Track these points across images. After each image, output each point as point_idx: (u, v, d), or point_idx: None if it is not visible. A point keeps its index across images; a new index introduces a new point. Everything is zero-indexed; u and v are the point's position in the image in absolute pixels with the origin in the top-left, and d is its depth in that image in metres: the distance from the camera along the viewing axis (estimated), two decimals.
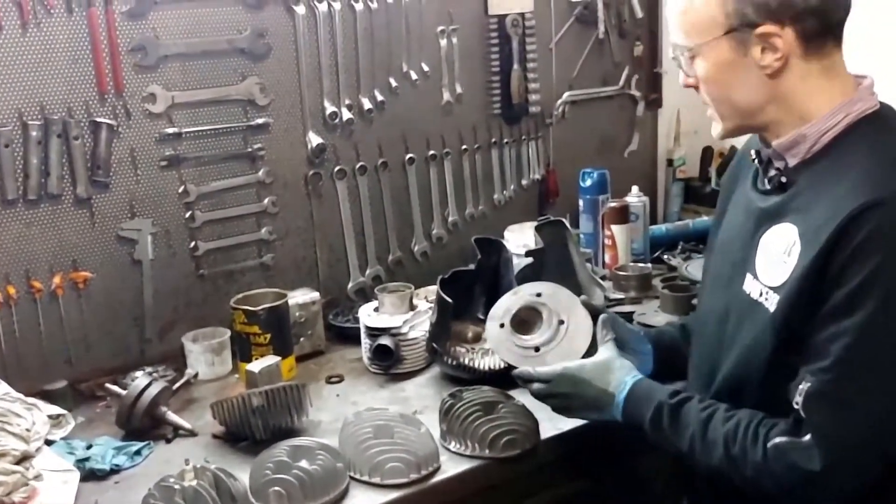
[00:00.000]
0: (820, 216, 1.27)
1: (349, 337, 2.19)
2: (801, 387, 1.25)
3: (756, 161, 1.46)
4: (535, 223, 2.16)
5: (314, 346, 2.18)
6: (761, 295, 1.35)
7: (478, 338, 2.03)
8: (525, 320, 1.70)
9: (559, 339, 1.64)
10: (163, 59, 2.04)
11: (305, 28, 2.20)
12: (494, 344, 1.71)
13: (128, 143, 2.03)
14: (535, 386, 1.59)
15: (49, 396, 1.90)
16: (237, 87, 2.15)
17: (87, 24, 1.93)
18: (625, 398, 1.49)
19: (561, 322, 1.65)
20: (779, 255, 1.32)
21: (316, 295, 2.19)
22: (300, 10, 2.18)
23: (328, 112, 2.27)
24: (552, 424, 1.73)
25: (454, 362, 1.94)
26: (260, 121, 2.19)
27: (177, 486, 1.45)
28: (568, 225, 2.13)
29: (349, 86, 2.30)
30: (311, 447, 1.56)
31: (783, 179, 1.38)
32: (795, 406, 1.26)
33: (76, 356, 2.03)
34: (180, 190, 2.11)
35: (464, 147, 2.52)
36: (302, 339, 2.16)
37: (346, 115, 2.29)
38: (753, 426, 1.32)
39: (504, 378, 1.90)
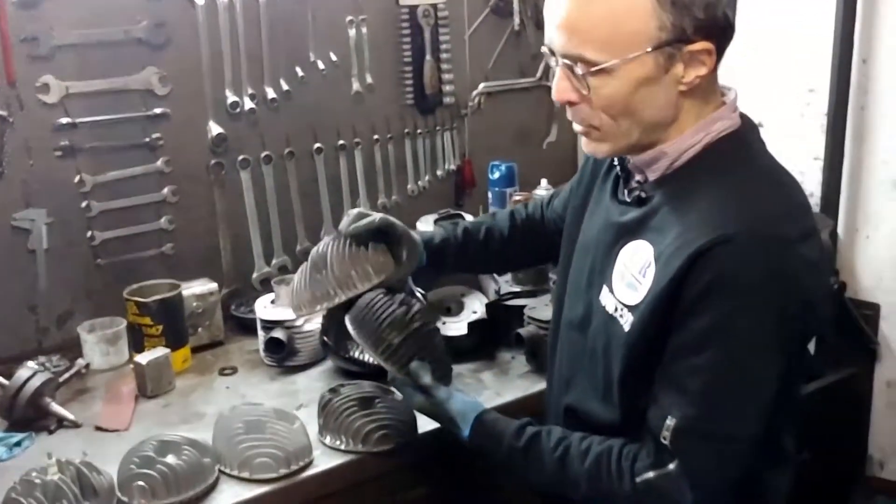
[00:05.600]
0: (673, 242, 1.26)
1: (250, 328, 2.19)
2: (667, 422, 1.25)
3: (618, 168, 1.44)
4: (436, 216, 2.18)
5: (212, 336, 2.19)
6: (616, 310, 1.35)
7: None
8: None
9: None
10: (56, 50, 2.02)
11: (205, 17, 2.19)
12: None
13: (22, 134, 2.02)
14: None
15: None
16: (135, 77, 2.14)
17: None
18: (469, 435, 1.48)
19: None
20: (634, 274, 1.32)
21: (214, 286, 2.19)
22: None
23: (229, 101, 2.26)
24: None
25: (345, 355, 1.96)
26: (159, 110, 2.18)
27: (38, 480, 1.46)
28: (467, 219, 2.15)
29: (252, 75, 2.29)
30: (178, 442, 1.57)
31: (642, 195, 1.36)
32: (663, 441, 1.26)
33: None
34: (76, 180, 2.10)
35: (375, 137, 2.53)
36: (200, 329, 2.17)
37: (249, 104, 2.29)
38: (615, 460, 1.32)
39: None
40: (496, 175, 2.50)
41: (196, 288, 2.17)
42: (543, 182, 2.55)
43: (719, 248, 1.20)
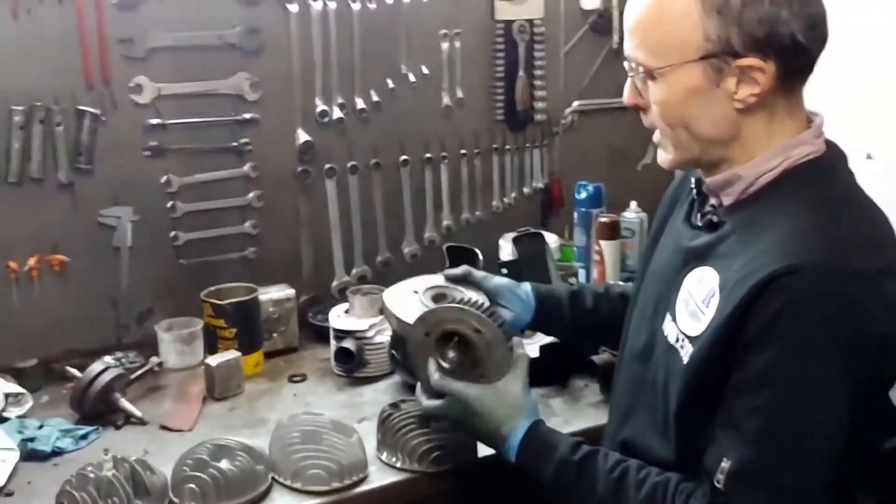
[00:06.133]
0: (739, 270, 1.19)
1: (325, 337, 2.18)
2: (722, 465, 1.18)
3: (695, 191, 1.39)
4: (514, 234, 2.13)
5: (287, 342, 2.19)
6: (678, 341, 1.28)
7: None
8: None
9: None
10: (151, 51, 2.07)
11: (298, 25, 2.21)
12: (392, 296, 1.65)
13: (113, 132, 2.07)
14: (427, 402, 1.51)
15: (19, 374, 1.97)
16: (226, 81, 2.17)
17: (77, 13, 1.97)
18: (519, 444, 1.40)
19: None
20: (698, 303, 1.25)
21: (291, 292, 2.19)
22: (293, 7, 2.19)
23: (318, 110, 2.27)
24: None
25: (413, 371, 1.92)
26: (248, 115, 2.20)
27: (92, 475, 1.47)
28: (547, 238, 2.09)
29: (343, 85, 2.30)
30: (233, 447, 1.56)
31: (714, 219, 1.31)
32: (717, 484, 1.18)
33: (52, 336, 2.08)
34: (163, 180, 2.14)
35: (463, 151, 2.50)
36: (275, 335, 2.18)
37: (337, 113, 2.29)
38: (670, 495, 1.25)
39: None
40: (583, 195, 2.42)
41: (274, 293, 2.18)
42: (633, 205, 2.47)
43: (786, 279, 1.12)
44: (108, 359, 2.04)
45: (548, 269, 2.08)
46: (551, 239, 2.53)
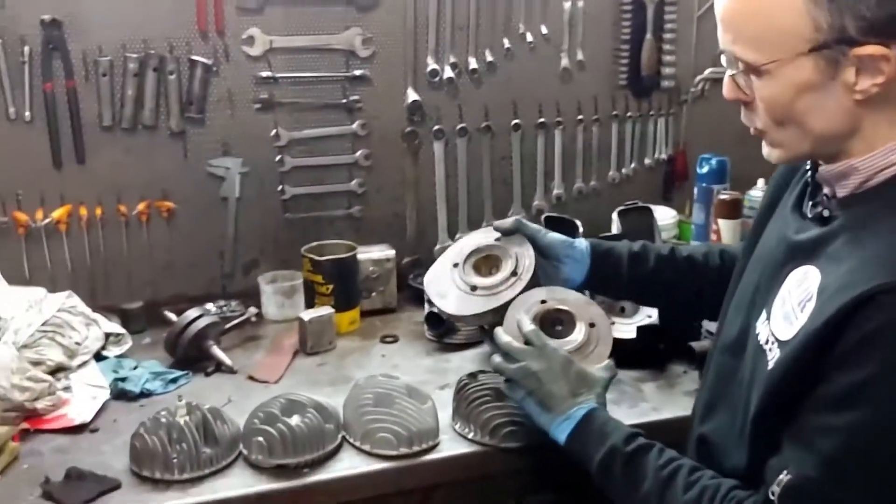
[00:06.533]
0: (843, 275, 1.06)
1: (422, 299, 2.15)
2: (780, 477, 1.08)
3: (809, 177, 1.24)
4: (621, 208, 2.02)
5: (385, 302, 2.18)
6: (767, 342, 1.17)
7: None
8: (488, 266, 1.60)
9: (504, 288, 1.52)
10: (266, 3, 2.07)
11: None
12: (433, 275, 1.60)
13: (225, 83, 2.10)
14: (508, 342, 1.45)
15: (125, 315, 2.04)
16: (339, 36, 2.15)
17: None
18: (575, 426, 1.34)
19: (514, 274, 1.53)
20: (794, 305, 1.13)
21: (391, 252, 2.17)
22: None
23: (429, 69, 2.22)
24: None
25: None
26: (359, 72, 2.18)
27: (164, 420, 1.50)
28: (663, 214, 1.97)
29: (457, 44, 2.24)
30: (305, 404, 1.56)
31: (825, 212, 1.17)
32: (771, 496, 1.09)
33: (160, 281, 2.15)
34: (272, 133, 2.16)
35: (580, 118, 2.39)
36: (374, 294, 2.16)
37: (449, 73, 2.23)
38: (719, 500, 1.16)
39: None
40: (705, 169, 2.28)
41: (374, 253, 2.17)
42: (760, 182, 2.31)
43: (885, 297, 0.99)
44: (209, 306, 2.09)
45: None
46: (668, 215, 2.41)
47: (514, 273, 1.52)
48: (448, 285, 1.57)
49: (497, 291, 1.51)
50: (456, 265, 1.59)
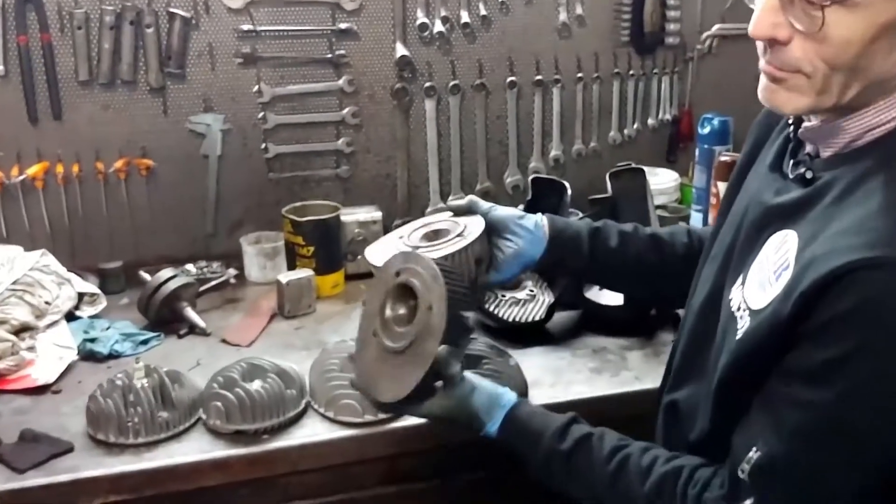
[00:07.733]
0: (822, 244, 0.97)
1: None
2: (749, 454, 1.01)
3: (791, 132, 1.15)
4: (612, 169, 1.93)
5: (370, 266, 2.11)
6: (739, 309, 1.08)
7: (517, 285, 1.86)
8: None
9: (444, 245, 1.42)
10: None
11: None
12: (378, 247, 1.51)
13: (206, 37, 2.03)
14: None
15: (103, 274, 2.00)
16: None
17: None
18: (498, 433, 1.26)
19: (460, 235, 1.43)
20: (770, 273, 1.05)
21: (378, 214, 2.10)
22: None
23: (419, 23, 2.13)
24: (552, 390, 1.58)
25: (480, 308, 1.80)
26: (345, 26, 2.10)
27: (120, 383, 1.46)
28: (666, 176, 1.88)
29: None
30: (266, 368, 1.51)
31: (808, 173, 1.07)
32: (741, 474, 1.02)
33: (141, 241, 2.10)
34: (255, 89, 2.09)
35: (579, 75, 2.29)
36: (359, 257, 2.09)
37: (439, 27, 2.14)
38: (682, 486, 1.09)
39: (530, 330, 1.75)
40: (706, 129, 2.17)
41: (360, 214, 2.10)
42: None
43: (865, 273, 0.91)
44: (189, 267, 2.04)
45: (647, 208, 1.87)
46: (670, 178, 2.32)
47: (459, 235, 1.44)
48: (390, 252, 1.47)
49: (437, 248, 1.43)
50: (401, 237, 1.51)
